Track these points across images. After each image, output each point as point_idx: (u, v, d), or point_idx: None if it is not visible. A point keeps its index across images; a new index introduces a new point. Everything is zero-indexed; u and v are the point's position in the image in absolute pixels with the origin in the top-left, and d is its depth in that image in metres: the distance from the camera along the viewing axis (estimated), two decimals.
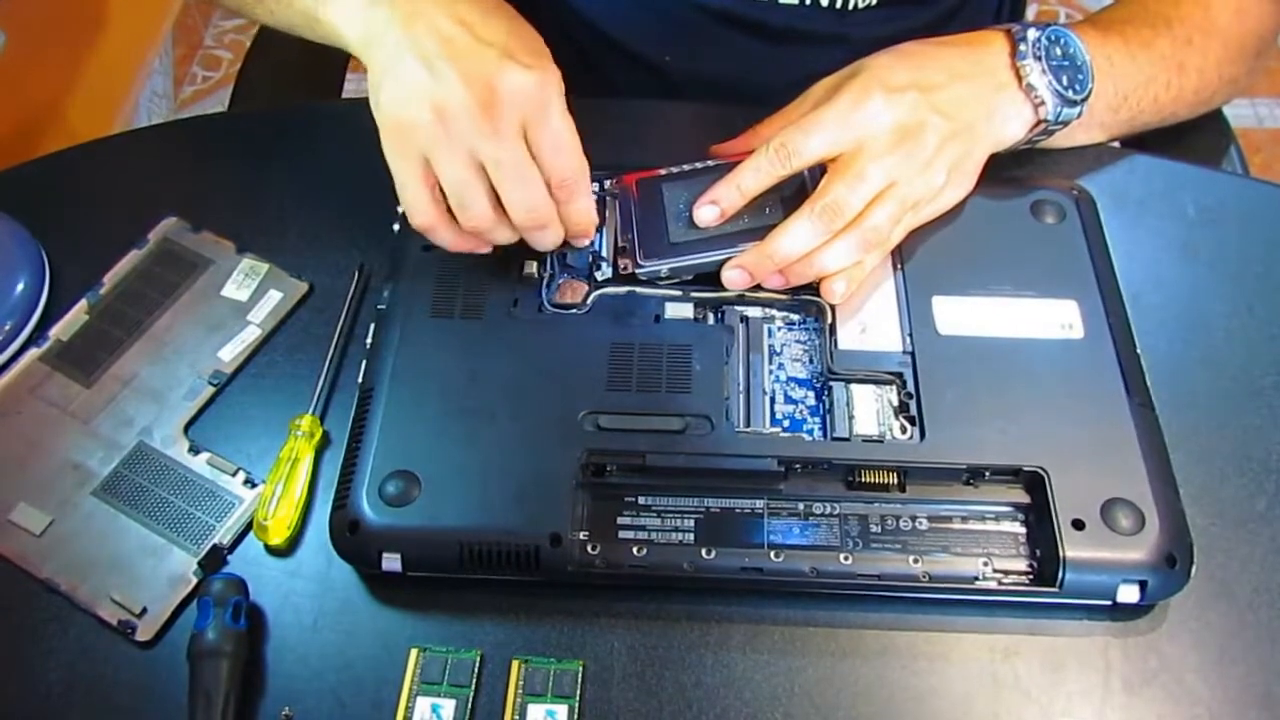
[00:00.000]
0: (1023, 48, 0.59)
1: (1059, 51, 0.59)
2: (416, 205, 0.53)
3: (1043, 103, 0.59)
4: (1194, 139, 0.70)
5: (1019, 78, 0.58)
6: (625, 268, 0.58)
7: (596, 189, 0.61)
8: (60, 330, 0.60)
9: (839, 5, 0.73)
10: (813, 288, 0.57)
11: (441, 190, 0.53)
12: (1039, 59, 0.58)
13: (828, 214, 0.54)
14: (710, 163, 0.60)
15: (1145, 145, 0.68)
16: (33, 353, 0.60)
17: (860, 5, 0.73)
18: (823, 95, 0.59)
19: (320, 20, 0.57)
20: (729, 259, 0.56)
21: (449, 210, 0.54)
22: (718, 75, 0.76)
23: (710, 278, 0.57)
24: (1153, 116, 0.65)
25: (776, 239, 0.55)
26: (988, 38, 0.60)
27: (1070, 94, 0.59)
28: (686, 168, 0.60)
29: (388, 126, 0.53)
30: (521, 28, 0.54)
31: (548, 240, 0.55)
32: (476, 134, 0.51)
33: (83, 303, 0.61)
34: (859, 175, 0.55)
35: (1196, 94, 0.66)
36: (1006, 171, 0.62)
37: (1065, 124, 0.60)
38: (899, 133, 0.55)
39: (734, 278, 0.56)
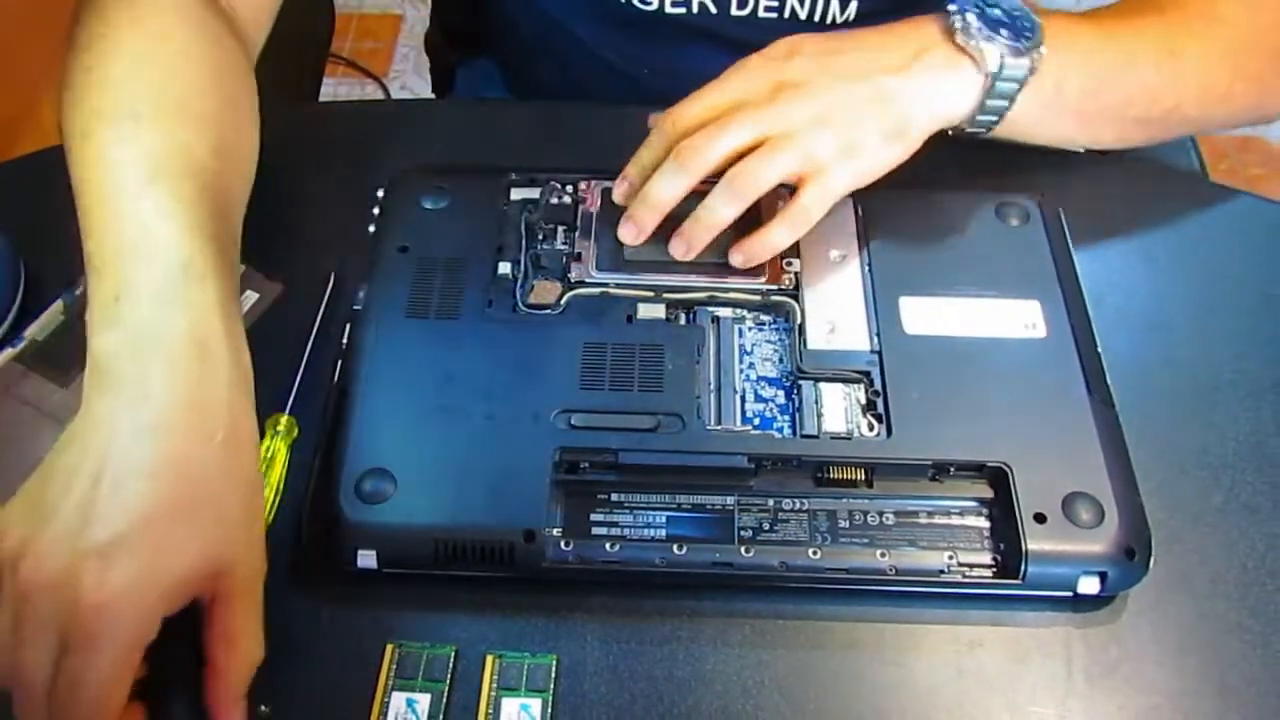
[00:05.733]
0: (954, 19, 0.57)
1: (997, 12, 0.57)
2: None
3: (981, 55, 0.56)
4: None
5: (950, 39, 0.57)
6: (576, 275, 0.59)
7: (570, 192, 0.62)
8: (36, 330, 0.60)
9: (818, 19, 0.74)
10: (785, 290, 0.58)
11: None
12: (971, 18, 0.56)
13: (682, 155, 0.55)
14: None
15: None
16: (8, 353, 0.60)
17: (838, 19, 0.74)
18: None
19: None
20: (680, 281, 0.58)
21: None
22: (696, 88, 0.77)
23: (682, 277, 0.58)
24: (1149, 107, 0.61)
25: (647, 185, 0.56)
26: (919, 21, 0.59)
27: (1014, 44, 0.56)
28: None
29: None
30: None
31: None
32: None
33: (58, 303, 0.61)
34: (722, 125, 0.55)
35: (1204, 88, 0.61)
36: (972, 174, 0.64)
37: (1018, 81, 0.57)
38: (774, 89, 0.56)
39: (625, 233, 0.58)
